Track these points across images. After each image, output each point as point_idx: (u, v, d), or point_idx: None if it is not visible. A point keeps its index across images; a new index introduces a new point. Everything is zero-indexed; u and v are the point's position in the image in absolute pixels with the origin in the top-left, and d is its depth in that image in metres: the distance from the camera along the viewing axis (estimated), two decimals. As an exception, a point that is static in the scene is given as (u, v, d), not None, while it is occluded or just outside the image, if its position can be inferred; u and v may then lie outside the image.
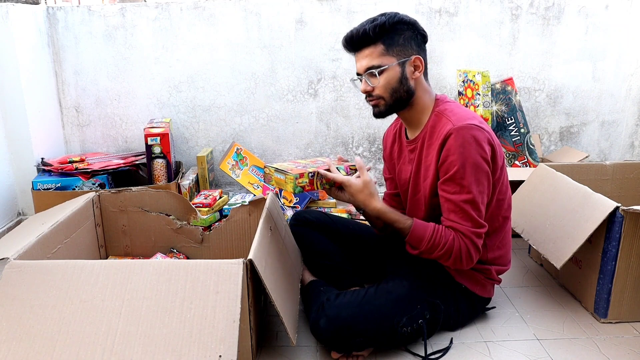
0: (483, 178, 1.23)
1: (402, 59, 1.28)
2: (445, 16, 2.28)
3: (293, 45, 2.29)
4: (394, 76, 1.28)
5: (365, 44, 1.28)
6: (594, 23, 2.33)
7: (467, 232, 1.24)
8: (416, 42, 1.29)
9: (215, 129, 2.40)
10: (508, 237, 1.41)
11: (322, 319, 1.24)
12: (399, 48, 1.27)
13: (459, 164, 1.21)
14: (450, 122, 1.24)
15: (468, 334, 1.40)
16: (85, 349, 1.00)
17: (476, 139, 1.21)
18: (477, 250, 1.26)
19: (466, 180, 1.21)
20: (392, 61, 1.27)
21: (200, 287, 1.07)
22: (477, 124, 1.23)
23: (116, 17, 2.25)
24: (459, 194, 1.23)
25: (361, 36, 1.28)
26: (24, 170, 2.10)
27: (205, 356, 0.98)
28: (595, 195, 1.43)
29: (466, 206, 1.23)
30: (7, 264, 1.11)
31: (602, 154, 2.53)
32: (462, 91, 2.24)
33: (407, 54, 1.28)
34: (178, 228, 1.68)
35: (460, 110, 1.29)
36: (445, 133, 1.24)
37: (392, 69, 1.28)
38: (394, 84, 1.29)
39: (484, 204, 1.25)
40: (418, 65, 1.29)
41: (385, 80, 1.29)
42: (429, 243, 1.26)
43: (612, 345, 1.34)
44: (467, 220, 1.23)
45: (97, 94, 2.34)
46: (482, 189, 1.24)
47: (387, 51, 1.27)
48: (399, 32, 1.27)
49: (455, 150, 1.21)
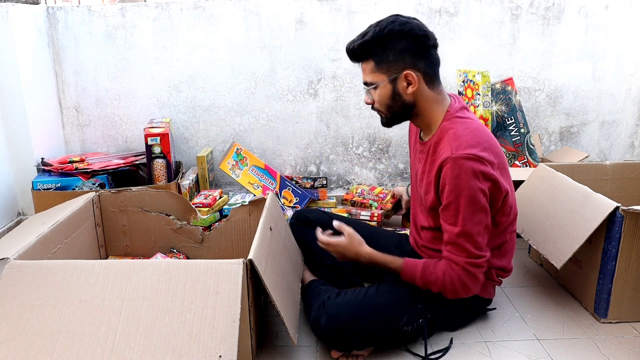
0: (479, 210, 1.20)
1: (392, 75, 1.24)
2: (445, 16, 2.28)
3: (293, 45, 2.29)
4: (385, 93, 1.26)
5: (358, 60, 1.28)
6: (594, 23, 2.33)
7: (461, 262, 1.22)
8: (411, 53, 1.23)
9: (215, 129, 2.40)
10: (510, 247, 1.39)
11: (322, 317, 1.24)
12: (389, 64, 1.23)
13: (454, 196, 1.19)
14: (450, 148, 1.20)
15: (468, 334, 1.40)
16: (85, 349, 1.00)
17: (473, 171, 1.17)
18: (474, 280, 1.24)
19: (460, 213, 1.19)
20: (382, 79, 1.25)
21: (200, 287, 1.07)
22: (477, 153, 1.18)
23: (116, 17, 2.25)
24: (453, 225, 1.21)
25: (351, 53, 1.27)
26: (24, 170, 2.10)
27: (205, 356, 0.98)
28: (595, 195, 1.43)
29: (460, 239, 1.21)
30: (7, 264, 1.11)
31: (602, 154, 2.53)
32: (462, 91, 2.24)
33: (398, 70, 1.23)
34: (178, 228, 1.68)
35: (464, 133, 1.22)
36: (442, 160, 1.20)
37: (383, 86, 1.26)
38: (386, 100, 1.27)
39: (481, 234, 1.22)
40: (412, 81, 1.24)
41: (378, 97, 1.28)
42: (422, 281, 1.28)
43: (612, 345, 1.34)
44: (461, 252, 1.22)
45: (97, 94, 2.34)
46: (479, 220, 1.21)
47: (377, 68, 1.25)
48: (389, 47, 1.22)
49: (450, 182, 1.19)
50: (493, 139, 1.27)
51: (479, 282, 1.26)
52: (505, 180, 1.26)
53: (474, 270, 1.23)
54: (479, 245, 1.22)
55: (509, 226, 1.34)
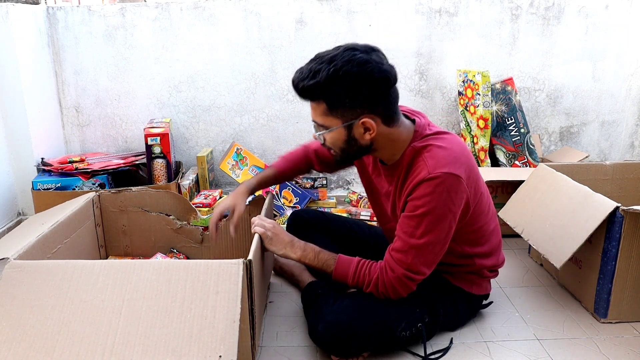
0: (443, 229, 1.17)
1: (348, 121, 1.13)
2: (445, 16, 2.28)
3: (293, 45, 2.29)
4: (338, 138, 1.17)
5: (306, 98, 1.15)
6: (594, 23, 2.33)
7: (398, 272, 1.20)
8: (369, 97, 1.12)
9: (215, 129, 2.40)
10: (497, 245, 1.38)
11: (320, 324, 1.24)
12: (344, 109, 1.12)
13: (423, 211, 1.15)
14: (427, 167, 1.15)
15: (468, 334, 1.40)
16: (85, 349, 1.00)
17: (449, 192, 1.14)
18: (406, 289, 1.22)
19: (423, 228, 1.16)
20: (336, 123, 1.14)
21: (200, 287, 1.07)
22: (454, 171, 1.14)
23: (116, 17, 2.25)
24: (410, 236, 1.18)
25: (300, 90, 1.14)
26: (24, 170, 2.10)
27: (205, 356, 0.98)
28: (595, 195, 1.43)
29: (412, 251, 1.18)
30: (7, 264, 1.11)
31: (602, 154, 2.53)
32: (462, 91, 2.24)
33: (355, 116, 1.13)
34: (178, 228, 1.68)
35: (439, 151, 1.17)
36: (419, 179, 1.15)
37: (337, 131, 1.15)
38: (341, 144, 1.18)
39: (435, 253, 1.20)
40: (369, 127, 1.14)
41: (330, 139, 1.18)
42: (353, 280, 1.26)
43: (612, 345, 1.34)
44: (404, 263, 1.19)
45: (97, 94, 2.34)
46: (438, 239, 1.18)
47: (330, 112, 1.13)
48: (344, 90, 1.09)
49: (423, 197, 1.14)
50: (465, 148, 1.23)
51: (411, 291, 1.23)
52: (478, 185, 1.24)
53: (409, 283, 1.21)
54: (426, 262, 1.20)
55: (492, 224, 1.33)
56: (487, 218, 1.32)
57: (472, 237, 1.30)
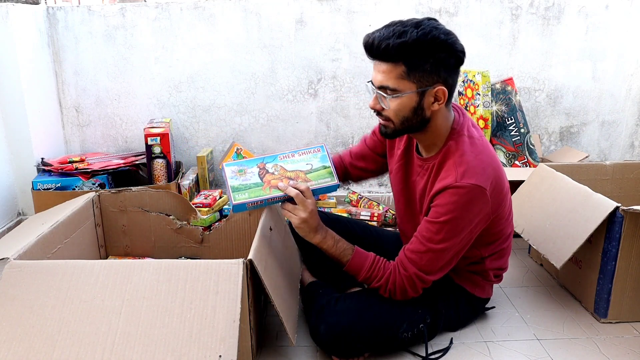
0: (462, 238, 1.18)
1: (423, 87, 1.11)
2: (445, 16, 2.28)
3: (293, 45, 2.29)
4: (407, 104, 1.13)
5: (385, 59, 1.11)
6: (594, 23, 2.33)
7: (411, 271, 1.20)
8: (446, 67, 1.11)
9: (215, 129, 2.40)
10: (509, 248, 1.38)
11: (321, 326, 1.24)
12: (423, 74, 1.10)
13: (445, 219, 1.15)
14: (455, 174, 1.14)
15: (468, 334, 1.40)
16: (85, 349, 1.00)
17: (473, 202, 1.14)
18: (414, 290, 1.23)
19: (442, 235, 1.16)
20: (410, 88, 1.11)
21: (200, 287, 1.07)
22: (479, 183, 1.13)
23: (116, 17, 2.25)
24: (429, 240, 1.18)
25: (382, 50, 1.09)
26: (24, 170, 2.10)
27: (205, 356, 0.98)
28: (595, 195, 1.43)
29: (428, 254, 1.18)
30: (7, 264, 1.11)
31: (602, 154, 2.53)
32: (462, 91, 2.24)
33: (430, 83, 1.11)
34: (178, 228, 1.68)
35: (470, 158, 1.16)
36: (445, 184, 1.14)
37: (408, 97, 1.12)
38: (406, 112, 1.14)
39: (449, 260, 1.21)
40: (440, 97, 1.13)
41: (397, 106, 1.14)
42: (367, 274, 1.25)
43: (612, 345, 1.34)
44: (417, 263, 1.20)
45: (97, 94, 2.34)
46: (455, 247, 1.19)
47: (408, 75, 1.10)
48: (428, 56, 1.08)
49: (447, 204, 1.14)
50: (495, 156, 1.22)
51: (418, 294, 1.24)
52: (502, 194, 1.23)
53: (418, 284, 1.21)
54: (439, 267, 1.21)
55: (509, 228, 1.34)
56: (506, 223, 1.32)
57: (488, 240, 1.30)
